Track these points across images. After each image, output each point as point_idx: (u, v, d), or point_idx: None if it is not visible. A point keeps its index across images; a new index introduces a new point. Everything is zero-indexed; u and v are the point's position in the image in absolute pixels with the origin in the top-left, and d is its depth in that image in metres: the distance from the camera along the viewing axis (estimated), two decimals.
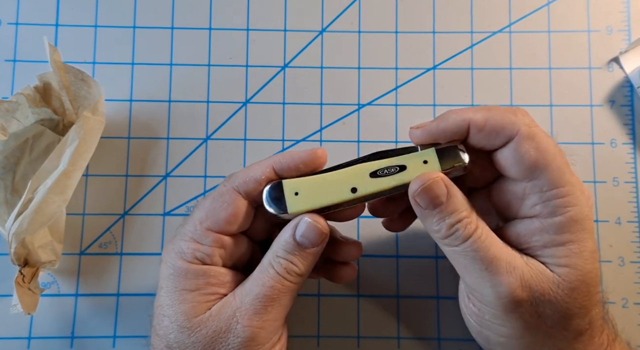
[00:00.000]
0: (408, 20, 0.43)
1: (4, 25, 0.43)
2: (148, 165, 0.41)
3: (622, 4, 0.43)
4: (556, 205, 0.27)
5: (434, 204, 0.27)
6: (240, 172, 0.30)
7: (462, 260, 0.27)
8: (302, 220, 0.28)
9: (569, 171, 0.28)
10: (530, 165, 0.27)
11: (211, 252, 0.29)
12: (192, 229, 0.29)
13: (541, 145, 0.27)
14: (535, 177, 0.27)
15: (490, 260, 0.27)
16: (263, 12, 0.43)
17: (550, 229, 0.27)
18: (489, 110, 0.28)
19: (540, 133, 0.28)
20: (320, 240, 0.28)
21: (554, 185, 0.27)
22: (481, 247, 0.27)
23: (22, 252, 0.36)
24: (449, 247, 0.28)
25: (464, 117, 0.28)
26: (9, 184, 0.39)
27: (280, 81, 0.42)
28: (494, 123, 0.28)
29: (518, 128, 0.27)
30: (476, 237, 0.27)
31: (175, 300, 0.28)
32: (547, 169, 0.27)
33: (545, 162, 0.27)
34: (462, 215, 0.27)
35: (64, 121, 0.40)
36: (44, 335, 0.39)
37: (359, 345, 0.39)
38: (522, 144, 0.27)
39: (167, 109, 0.42)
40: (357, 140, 0.42)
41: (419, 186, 0.27)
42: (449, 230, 0.27)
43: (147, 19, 0.43)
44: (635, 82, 0.41)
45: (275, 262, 0.28)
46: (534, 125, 0.28)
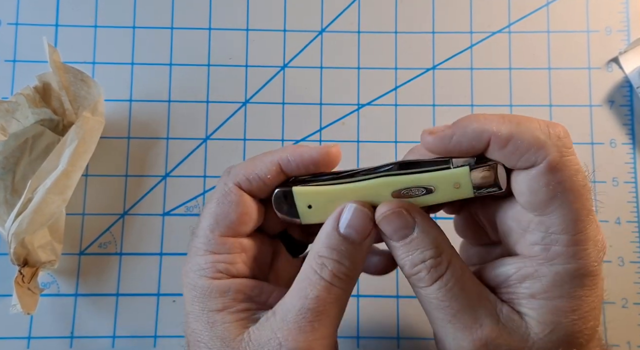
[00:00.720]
0: (408, 20, 0.43)
1: (4, 25, 0.43)
2: (148, 165, 0.41)
3: (621, 4, 0.43)
4: (558, 252, 0.23)
5: (398, 235, 0.24)
6: (241, 167, 0.27)
7: (425, 305, 0.24)
8: (347, 207, 0.24)
9: (587, 217, 0.23)
10: (544, 200, 0.23)
11: (233, 259, 0.25)
12: (205, 240, 0.26)
13: (566, 181, 0.23)
14: (545, 214, 0.23)
15: (454, 313, 0.23)
16: (263, 12, 0.43)
17: (544, 278, 0.23)
18: (519, 123, 0.23)
19: (571, 165, 0.23)
20: (369, 229, 0.24)
21: (563, 230, 0.23)
22: (447, 296, 0.23)
23: (21, 252, 0.36)
24: (413, 287, 0.24)
25: (486, 128, 0.23)
26: (9, 184, 0.39)
27: (280, 81, 0.42)
28: (519, 143, 0.23)
29: (546, 154, 0.22)
30: (443, 283, 0.23)
31: (205, 324, 0.24)
32: (562, 209, 0.23)
33: (563, 201, 0.23)
34: (429, 253, 0.23)
35: (64, 121, 0.40)
36: (43, 335, 0.39)
37: (359, 346, 0.39)
38: (546, 174, 0.23)
39: (167, 109, 0.42)
40: (356, 140, 0.42)
41: (384, 212, 0.24)
42: (411, 269, 0.24)
43: (147, 19, 0.43)
44: (635, 82, 0.42)
45: (318, 264, 0.24)
46: (566, 153, 0.23)
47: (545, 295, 0.23)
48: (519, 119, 0.23)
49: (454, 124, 0.24)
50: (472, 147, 0.24)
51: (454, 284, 0.23)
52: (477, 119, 0.24)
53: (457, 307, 0.23)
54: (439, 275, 0.23)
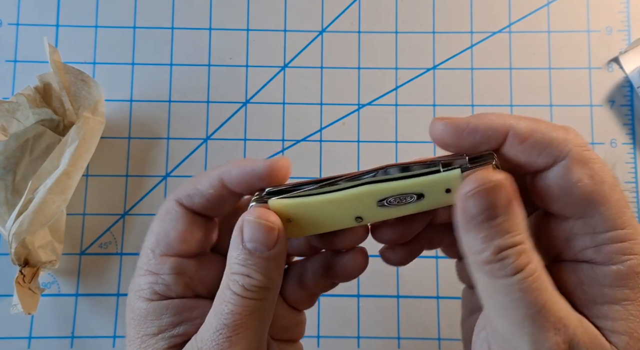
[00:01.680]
0: (408, 20, 0.43)
1: (5, 25, 0.43)
2: (148, 165, 0.41)
3: (622, 4, 0.43)
4: (613, 251, 0.21)
5: (488, 215, 0.21)
6: (184, 183, 0.25)
7: (501, 298, 0.21)
8: (245, 220, 0.23)
9: (630, 210, 0.22)
10: (582, 197, 0.21)
11: (171, 280, 0.24)
12: (145, 259, 0.24)
13: (597, 173, 0.21)
14: (587, 214, 0.21)
15: (539, 308, 0.20)
16: (263, 12, 0.43)
17: (604, 279, 0.21)
18: (535, 121, 0.22)
19: (596, 158, 0.22)
20: (273, 239, 0.23)
21: (612, 227, 0.21)
22: (531, 288, 0.20)
23: (22, 252, 0.36)
24: (490, 277, 0.21)
25: (504, 123, 0.22)
26: (10, 184, 0.39)
27: (280, 81, 0.42)
28: (540, 137, 0.21)
29: (569, 148, 0.21)
30: (528, 273, 0.20)
31: (136, 348, 0.23)
32: (603, 205, 0.21)
33: (601, 196, 0.21)
34: (518, 238, 0.21)
35: (64, 121, 0.40)
36: (44, 335, 0.39)
37: (359, 346, 0.39)
38: (574, 168, 0.21)
39: (167, 109, 0.42)
40: (357, 140, 0.42)
41: (475, 187, 0.21)
42: (495, 255, 0.21)
43: (147, 19, 0.43)
44: (635, 82, 0.41)
45: (231, 281, 0.23)
46: (587, 148, 0.22)
47: (608, 298, 0.21)
48: (535, 118, 0.22)
49: (469, 116, 0.23)
50: (487, 140, 0.22)
51: (539, 275, 0.21)
52: (492, 113, 0.23)
53: (542, 301, 0.20)
54: (526, 263, 0.21)
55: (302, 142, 0.42)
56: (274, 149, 0.42)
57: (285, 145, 0.42)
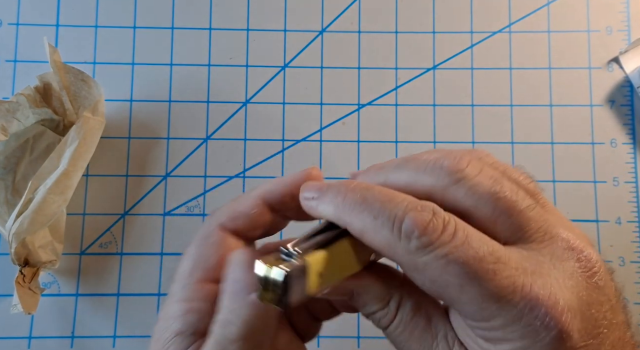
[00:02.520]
0: (408, 20, 0.43)
1: (5, 25, 0.43)
2: (148, 165, 0.41)
3: (622, 4, 0.43)
4: (487, 337, 0.19)
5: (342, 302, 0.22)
6: (225, 207, 0.24)
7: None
8: (230, 259, 0.22)
9: (496, 293, 0.18)
10: (437, 298, 0.21)
11: (206, 309, 0.22)
12: (181, 285, 0.22)
13: (438, 277, 0.19)
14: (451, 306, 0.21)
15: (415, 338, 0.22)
16: (263, 12, 0.43)
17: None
18: (375, 218, 0.19)
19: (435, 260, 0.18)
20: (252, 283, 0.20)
21: (476, 317, 0.19)
22: (399, 340, 0.22)
23: (22, 252, 0.36)
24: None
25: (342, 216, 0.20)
26: (10, 184, 0.39)
27: (280, 81, 0.42)
28: (372, 243, 0.20)
29: (399, 260, 0.19)
30: (391, 330, 0.22)
31: None
32: (458, 303, 0.19)
33: (451, 296, 0.19)
34: (373, 309, 0.22)
35: (65, 121, 0.40)
36: (44, 335, 0.39)
37: (359, 346, 0.39)
38: (412, 277, 0.20)
39: (167, 109, 0.42)
40: (357, 140, 0.42)
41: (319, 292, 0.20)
42: (366, 318, 0.22)
43: (147, 19, 0.43)
44: (635, 82, 0.41)
45: (215, 325, 0.21)
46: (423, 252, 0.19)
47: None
48: (379, 206, 0.19)
49: (323, 188, 0.21)
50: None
51: (403, 328, 0.22)
52: (336, 197, 0.20)
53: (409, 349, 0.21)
54: (388, 323, 0.22)
55: (302, 142, 0.42)
56: (274, 149, 0.42)
57: (285, 145, 0.42)
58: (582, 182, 0.41)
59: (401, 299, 0.21)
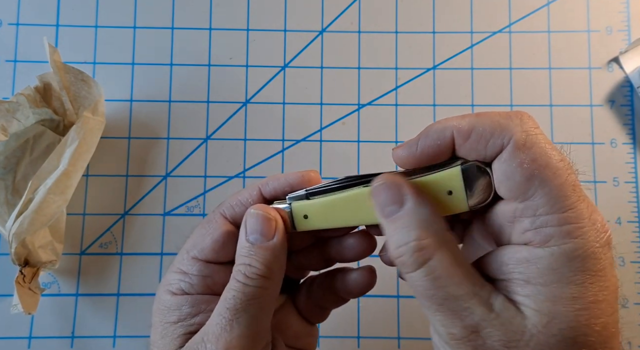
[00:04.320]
0: (408, 20, 0.43)
1: (5, 25, 0.43)
2: (148, 165, 0.41)
3: (622, 4, 0.43)
4: (550, 234, 0.21)
5: (385, 211, 0.23)
6: (228, 198, 0.28)
7: (414, 291, 0.23)
8: (247, 214, 0.26)
9: (575, 194, 0.22)
10: (522, 181, 0.22)
11: (196, 281, 0.26)
12: (180, 259, 0.27)
13: (540, 157, 0.22)
14: (528, 197, 0.22)
15: (441, 301, 0.22)
16: (263, 12, 0.43)
17: (539, 262, 0.21)
18: (478, 115, 0.23)
19: (541, 142, 0.22)
20: (271, 229, 0.25)
21: (552, 209, 0.21)
22: (432, 285, 0.22)
23: (22, 252, 0.36)
24: (400, 272, 0.23)
25: (447, 125, 0.23)
26: (10, 184, 0.39)
27: (280, 81, 0.42)
28: (481, 130, 0.22)
29: (511, 135, 0.22)
30: (428, 270, 0.22)
31: (159, 334, 0.26)
32: (543, 188, 0.22)
33: (542, 178, 0.22)
34: (412, 235, 0.22)
35: (65, 121, 0.40)
36: (44, 335, 0.39)
37: (359, 346, 0.39)
38: (515, 154, 0.22)
39: (167, 109, 0.42)
40: (357, 140, 0.42)
41: (375, 185, 0.24)
42: (395, 250, 0.22)
43: (147, 19, 0.43)
44: (635, 82, 0.41)
45: (236, 271, 0.25)
46: (533, 132, 0.22)
47: (541, 280, 0.21)
48: (481, 112, 0.24)
49: (420, 133, 0.24)
50: (438, 147, 0.24)
51: (440, 272, 0.22)
52: (439, 121, 0.24)
53: (443, 296, 0.22)
54: (425, 261, 0.22)
55: (302, 142, 0.42)
56: (274, 148, 0.42)
57: (285, 145, 0.42)
58: (582, 182, 0.41)
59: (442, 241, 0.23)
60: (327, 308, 0.30)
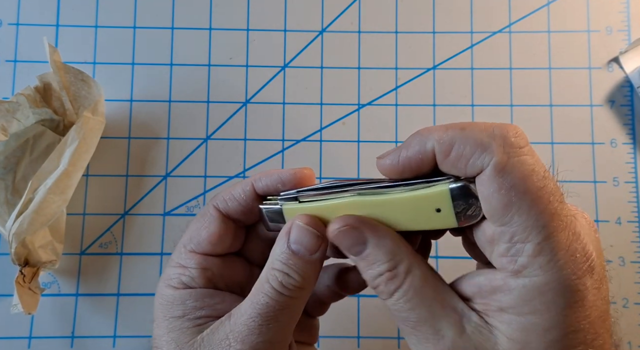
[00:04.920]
0: (408, 20, 0.43)
1: (5, 25, 0.43)
2: (148, 165, 0.41)
3: (622, 4, 0.43)
4: (524, 264, 0.21)
5: (352, 252, 0.24)
6: (222, 191, 0.28)
7: (392, 316, 0.24)
8: (294, 224, 0.25)
9: (554, 223, 0.21)
10: (499, 206, 0.21)
11: (196, 274, 0.27)
12: (178, 253, 0.28)
13: (519, 182, 0.21)
14: (505, 223, 0.21)
15: (414, 324, 0.23)
16: (263, 12, 0.43)
17: (512, 292, 0.21)
18: (463, 128, 0.22)
19: (524, 165, 0.21)
20: (317, 245, 0.25)
21: (528, 238, 0.21)
22: (405, 307, 0.23)
23: (22, 252, 0.36)
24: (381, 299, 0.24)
25: (429, 137, 0.23)
26: (10, 184, 0.39)
27: (280, 81, 0.42)
28: (462, 148, 0.22)
29: (492, 156, 0.21)
30: (400, 294, 0.23)
31: (164, 329, 0.26)
32: (521, 215, 0.21)
33: (519, 206, 0.21)
34: (382, 268, 0.23)
35: (65, 121, 0.40)
36: (44, 335, 0.39)
37: (359, 346, 0.39)
38: (493, 178, 0.21)
39: (167, 109, 0.42)
40: (357, 140, 0.42)
41: (334, 229, 0.24)
42: (372, 282, 0.24)
43: (147, 19, 0.43)
44: (635, 82, 0.41)
45: (271, 275, 0.25)
46: (516, 154, 0.21)
47: (514, 310, 0.21)
48: (464, 124, 0.22)
49: (403, 143, 0.24)
50: (420, 160, 0.23)
51: (412, 295, 0.23)
52: (421, 131, 0.23)
53: (415, 318, 0.23)
54: (396, 288, 0.23)
55: (302, 142, 0.42)
56: (274, 148, 0.42)
57: (285, 145, 0.42)
58: (582, 182, 0.41)
59: (410, 265, 0.23)
60: (326, 303, 0.31)
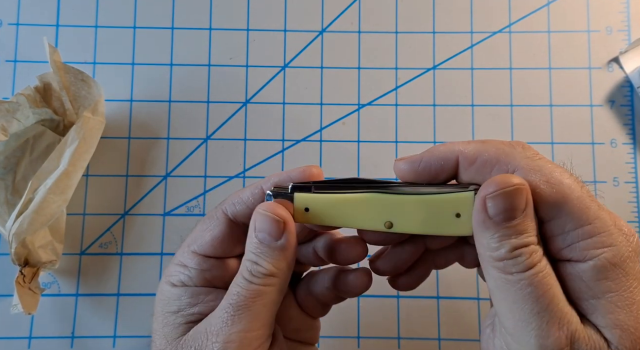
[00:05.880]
0: (408, 20, 0.43)
1: (5, 25, 0.43)
2: (148, 165, 0.41)
3: (622, 4, 0.43)
4: (584, 247, 0.22)
5: (507, 216, 0.23)
6: (231, 195, 0.29)
7: (511, 293, 0.22)
8: (255, 212, 0.26)
9: (595, 204, 0.23)
10: (544, 202, 0.23)
11: (195, 274, 0.27)
12: (181, 252, 0.28)
13: (552, 177, 0.23)
14: (554, 216, 0.23)
15: (546, 304, 0.22)
16: (263, 12, 0.43)
17: (584, 275, 0.22)
18: (484, 143, 0.24)
19: (547, 164, 0.23)
20: (279, 230, 0.25)
21: (578, 224, 0.22)
22: (541, 284, 0.22)
23: (22, 252, 0.36)
24: (502, 272, 0.23)
25: (453, 149, 0.24)
26: (10, 184, 0.39)
27: (280, 81, 0.42)
28: (487, 156, 0.24)
29: (517, 161, 0.23)
30: (539, 269, 0.22)
31: (160, 323, 0.27)
32: (565, 205, 0.22)
33: (561, 197, 0.22)
34: (531, 239, 0.23)
35: (65, 121, 0.40)
36: (44, 335, 0.39)
37: (359, 346, 0.39)
38: (528, 177, 0.23)
39: (167, 109, 0.42)
40: (357, 140, 0.42)
41: (497, 189, 0.23)
42: (510, 252, 0.22)
43: (147, 19, 0.43)
44: (635, 82, 0.41)
45: (242, 267, 0.26)
46: (537, 157, 0.24)
47: (592, 293, 0.22)
48: (484, 140, 0.25)
49: (425, 151, 0.25)
50: (441, 167, 0.25)
51: (548, 273, 0.22)
52: (445, 144, 0.25)
53: (549, 297, 0.22)
54: (538, 260, 0.22)
55: (302, 142, 0.42)
56: (274, 149, 0.42)
57: (285, 145, 0.42)
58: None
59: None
60: (326, 304, 0.31)
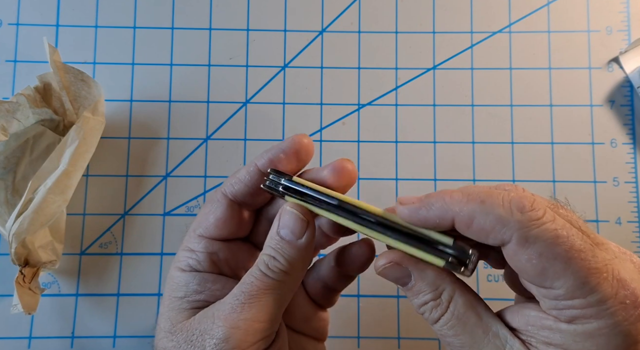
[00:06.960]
0: (408, 20, 0.43)
1: (5, 25, 0.43)
2: (148, 165, 0.41)
3: (622, 4, 0.43)
4: (574, 315, 0.22)
5: (399, 283, 0.26)
6: (229, 177, 0.29)
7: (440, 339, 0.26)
8: (283, 209, 0.26)
9: (595, 277, 0.21)
10: (535, 274, 0.22)
11: (203, 258, 0.28)
12: (188, 237, 0.29)
13: (546, 250, 0.21)
14: (546, 287, 0.22)
15: (458, 349, 0.24)
16: (263, 12, 0.43)
17: (563, 333, 0.22)
18: (482, 202, 0.23)
19: (544, 235, 0.22)
20: (303, 228, 0.26)
21: (573, 296, 0.21)
22: (449, 333, 0.24)
23: (22, 252, 0.36)
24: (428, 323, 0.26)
25: (448, 209, 0.24)
26: (10, 184, 0.39)
27: (280, 81, 0.42)
28: (482, 223, 0.23)
29: (512, 232, 0.22)
30: (444, 321, 0.24)
31: (166, 307, 0.27)
32: (559, 279, 0.21)
33: (554, 271, 0.21)
34: (427, 298, 0.25)
35: (65, 121, 0.40)
36: (44, 335, 0.39)
37: (359, 346, 0.39)
38: (520, 252, 0.22)
39: (167, 109, 0.42)
40: (357, 140, 0.42)
41: (381, 265, 0.26)
42: (418, 310, 0.26)
43: (147, 19, 0.43)
44: (635, 82, 0.41)
45: (260, 260, 0.26)
46: (535, 225, 0.22)
47: (563, 347, 0.22)
48: (484, 195, 0.23)
49: (422, 199, 0.25)
50: (437, 225, 0.24)
51: (455, 322, 0.24)
52: (442, 198, 0.24)
53: (459, 343, 0.24)
54: (440, 315, 0.25)
55: None
56: None
57: None
58: (582, 182, 0.41)
59: (453, 293, 0.25)
60: (334, 289, 0.31)
